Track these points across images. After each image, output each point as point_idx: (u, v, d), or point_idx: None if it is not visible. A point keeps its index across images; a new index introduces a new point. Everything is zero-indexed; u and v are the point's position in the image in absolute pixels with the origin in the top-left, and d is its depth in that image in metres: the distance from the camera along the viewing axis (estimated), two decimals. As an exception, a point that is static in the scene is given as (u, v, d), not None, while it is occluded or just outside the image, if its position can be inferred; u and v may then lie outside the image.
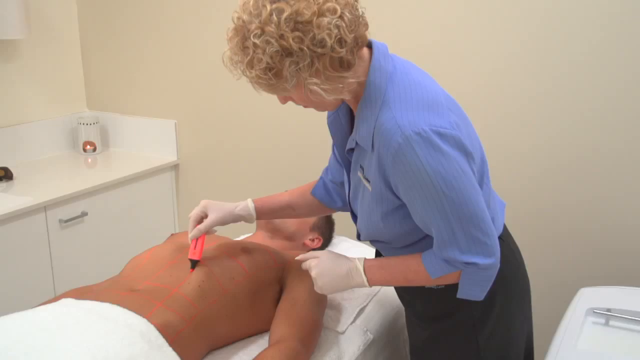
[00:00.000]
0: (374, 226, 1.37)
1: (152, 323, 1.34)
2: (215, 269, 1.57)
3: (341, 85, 1.20)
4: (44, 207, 2.43)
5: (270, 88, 1.21)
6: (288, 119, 2.64)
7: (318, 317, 1.61)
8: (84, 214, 2.59)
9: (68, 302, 1.41)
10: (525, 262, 1.53)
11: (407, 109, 1.19)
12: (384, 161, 1.22)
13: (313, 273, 1.41)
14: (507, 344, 1.46)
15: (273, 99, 1.31)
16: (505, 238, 1.46)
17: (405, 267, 1.34)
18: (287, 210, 1.68)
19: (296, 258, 1.52)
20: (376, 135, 1.22)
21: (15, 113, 2.90)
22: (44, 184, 2.63)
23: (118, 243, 2.78)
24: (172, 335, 1.36)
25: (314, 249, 1.99)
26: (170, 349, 1.33)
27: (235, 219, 1.63)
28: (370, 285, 1.38)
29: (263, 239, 1.93)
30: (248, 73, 1.17)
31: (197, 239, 1.59)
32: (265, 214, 1.66)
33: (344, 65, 1.18)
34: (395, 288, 1.63)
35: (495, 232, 1.27)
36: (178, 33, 2.87)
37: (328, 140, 1.52)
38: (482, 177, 1.36)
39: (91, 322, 1.31)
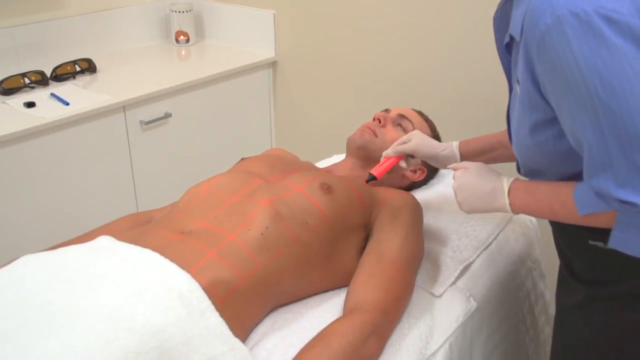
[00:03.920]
0: (523, 145, 1.13)
1: (197, 280, 1.09)
2: (284, 210, 1.28)
3: None
4: (123, 107, 2.23)
5: None
6: (408, 14, 2.22)
7: (409, 279, 1.32)
8: (168, 115, 2.38)
9: (103, 245, 1.19)
10: None
11: None
12: (531, 51, 0.98)
13: (454, 185, 1.25)
14: None
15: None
16: None
17: (553, 195, 1.09)
18: (498, 149, 1.46)
19: (448, 166, 1.35)
20: (526, 19, 0.98)
21: (102, -3, 2.65)
22: (129, 78, 2.44)
23: (204, 150, 2.57)
24: (222, 294, 1.12)
25: (415, 182, 1.68)
26: (215, 314, 1.08)
27: (436, 155, 1.48)
28: (514, 211, 1.17)
29: (352, 168, 1.61)
30: None
31: (389, 158, 1.49)
32: (471, 154, 1.48)
33: None
34: (555, 240, 1.30)
35: None
36: None
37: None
38: None
39: (122, 276, 1.08)
